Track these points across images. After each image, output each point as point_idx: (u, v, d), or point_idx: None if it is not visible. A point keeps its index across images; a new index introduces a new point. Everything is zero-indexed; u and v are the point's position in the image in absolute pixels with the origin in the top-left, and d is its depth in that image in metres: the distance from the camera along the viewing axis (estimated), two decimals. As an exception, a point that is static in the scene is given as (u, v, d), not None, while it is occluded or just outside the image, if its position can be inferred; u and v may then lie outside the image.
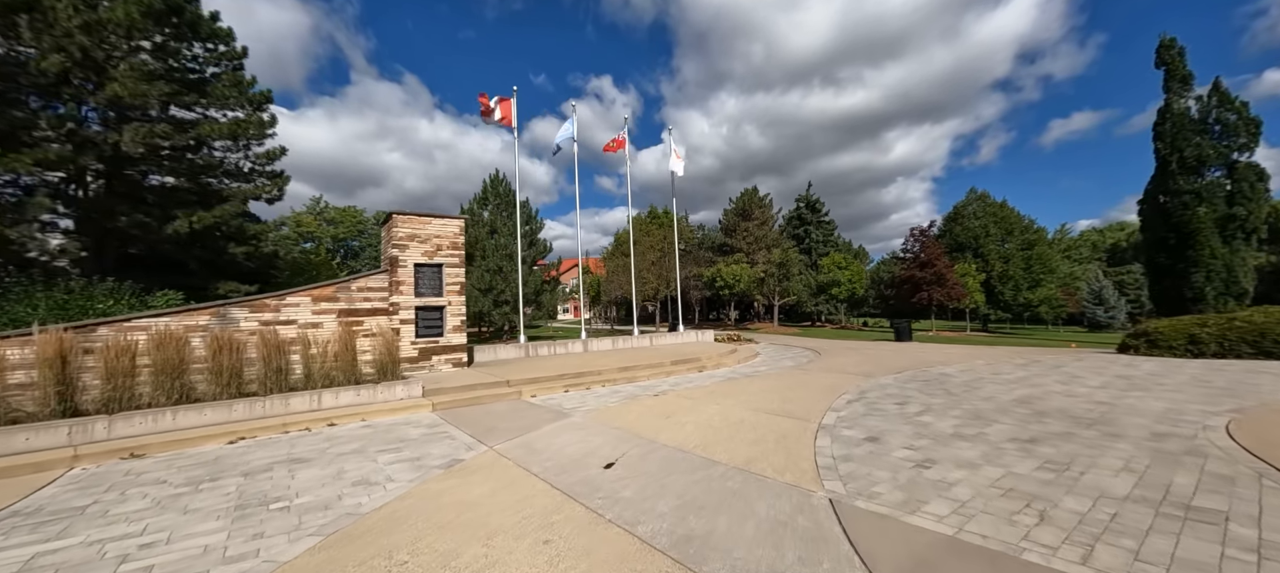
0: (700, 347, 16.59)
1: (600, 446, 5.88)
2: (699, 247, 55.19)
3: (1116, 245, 76.13)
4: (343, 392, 8.40)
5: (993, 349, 17.12)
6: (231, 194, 17.10)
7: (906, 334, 20.63)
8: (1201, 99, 21.45)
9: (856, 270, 37.54)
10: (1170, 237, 21.17)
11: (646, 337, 17.95)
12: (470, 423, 7.38)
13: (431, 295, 11.90)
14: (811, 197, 46.77)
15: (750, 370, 12.40)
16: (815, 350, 17.25)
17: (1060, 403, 7.49)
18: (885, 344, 19.87)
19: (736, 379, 10.85)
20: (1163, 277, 21.50)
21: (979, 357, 14.21)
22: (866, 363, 13.08)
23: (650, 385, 10.42)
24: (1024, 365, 12.00)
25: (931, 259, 28.15)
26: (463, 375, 10.79)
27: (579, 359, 13.44)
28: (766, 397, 8.58)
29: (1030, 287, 37.50)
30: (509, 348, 14.71)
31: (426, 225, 11.94)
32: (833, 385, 9.59)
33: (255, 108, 18.72)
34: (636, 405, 8.24)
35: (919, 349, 17.22)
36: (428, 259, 11.88)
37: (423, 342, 11.64)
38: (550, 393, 9.82)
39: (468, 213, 29.86)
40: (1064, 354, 14.90)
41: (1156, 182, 22.14)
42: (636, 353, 14.87)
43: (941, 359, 13.65)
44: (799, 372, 11.81)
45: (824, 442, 5.71)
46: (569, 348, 15.89)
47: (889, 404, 7.70)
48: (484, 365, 12.71)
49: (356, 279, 11.51)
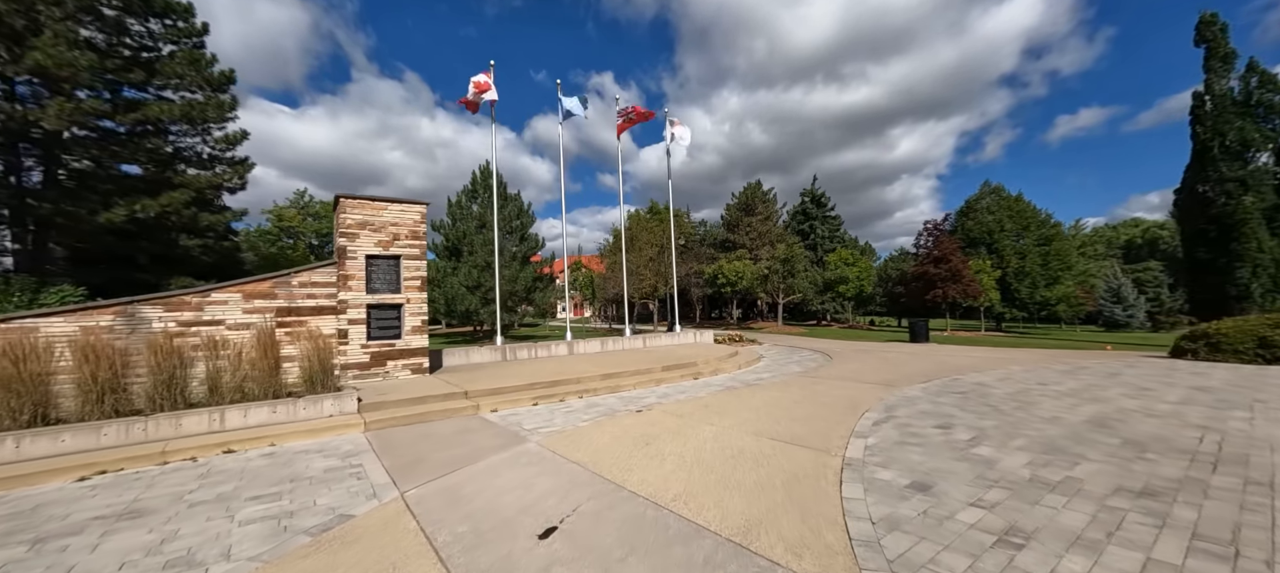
0: (697, 349, 15.01)
1: (547, 493, 4.32)
2: (701, 243, 53.60)
3: (1131, 242, 74.06)
4: (255, 408, 6.87)
5: (1022, 352, 15.47)
6: (185, 182, 15.60)
7: (923, 335, 18.99)
8: (1243, 79, 19.73)
9: (864, 267, 35.87)
10: (1211, 229, 19.46)
11: (640, 338, 16.40)
12: (398, 451, 5.84)
13: (387, 292, 10.37)
14: (817, 190, 45.07)
15: (752, 378, 10.82)
16: (824, 353, 15.65)
17: (1149, 428, 5.88)
18: (900, 346, 18.25)
19: (736, 389, 9.28)
20: (1203, 273, 19.79)
21: (1010, 361, 12.58)
22: (885, 369, 11.47)
23: (635, 397, 8.85)
24: (1070, 373, 10.37)
25: (946, 255, 26.46)
26: (417, 385, 9.26)
27: (559, 364, 11.89)
28: (772, 414, 7.00)
29: (1047, 284, 35.73)
30: (484, 351, 13.18)
31: (381, 211, 10.40)
32: (851, 399, 8.00)
33: (215, 89, 17.22)
34: (612, 426, 6.67)
35: (939, 352, 15.59)
36: (383, 250, 10.34)
37: (376, 345, 10.11)
38: (514, 407, 8.27)
39: (456, 206, 28.37)
40: (1107, 358, 13.25)
41: (1194, 170, 20.41)
42: (626, 357, 13.31)
43: (969, 364, 12.03)
44: (809, 380, 10.22)
45: (854, 490, 4.14)
46: (552, 350, 14.35)
47: (928, 427, 6.11)
48: (451, 371, 11.17)
49: (299, 273, 9.99)
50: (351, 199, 10.17)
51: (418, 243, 10.76)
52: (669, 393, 9.13)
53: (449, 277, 26.08)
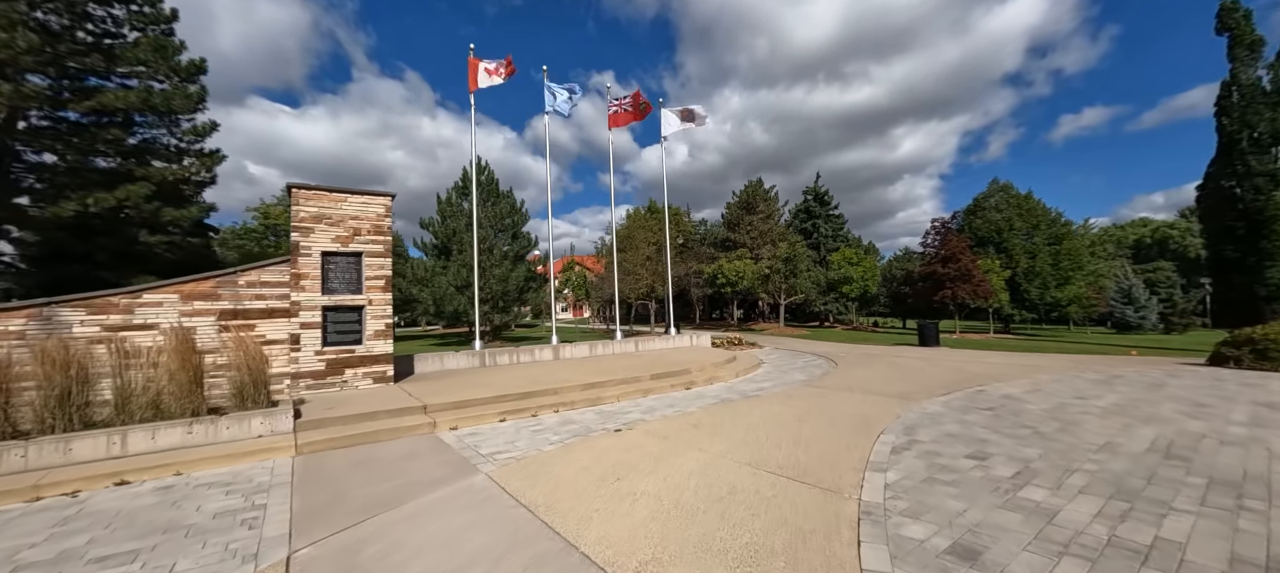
0: (692, 354, 13.98)
1: (475, 557, 3.31)
2: (701, 242, 52.58)
3: (1140, 242, 72.77)
4: (166, 429, 5.88)
5: (1044, 357, 14.40)
6: (146, 174, 14.63)
7: (933, 338, 17.93)
8: (1272, 68, 18.60)
9: (869, 267, 34.78)
10: (1238, 226, 18.36)
11: (632, 341, 15.38)
12: (318, 485, 4.84)
13: (346, 292, 9.37)
14: (820, 188, 43.96)
15: (751, 388, 9.79)
16: (829, 358, 14.60)
17: (1231, 461, 4.84)
18: (909, 350, 17.18)
19: (732, 402, 8.25)
20: (1230, 272, 18.68)
21: (1035, 367, 11.53)
22: (898, 378, 10.43)
23: (616, 412, 7.83)
24: (1105, 383, 9.32)
25: (955, 254, 25.37)
26: (374, 397, 8.25)
27: (539, 372, 10.87)
28: (771, 436, 5.97)
29: (1058, 285, 34.59)
30: (461, 356, 12.19)
31: (340, 203, 9.41)
32: (862, 415, 6.96)
33: (183, 78, 16.25)
34: (583, 451, 5.66)
35: (953, 357, 14.53)
36: (341, 246, 9.35)
37: (333, 351, 9.11)
38: (478, 424, 7.26)
39: (446, 203, 27.40)
40: (1139, 365, 12.19)
41: (1220, 163, 19.30)
42: (614, 363, 12.29)
43: (989, 372, 10.99)
44: (813, 391, 9.18)
45: (878, 558, 3.11)
46: (536, 355, 13.34)
47: (959, 456, 5.08)
48: (419, 380, 10.17)
49: (246, 271, 9.00)
50: (306, 190, 9.17)
51: (382, 239, 9.76)
52: (655, 407, 8.11)
53: (438, 276, 25.10)
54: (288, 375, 8.84)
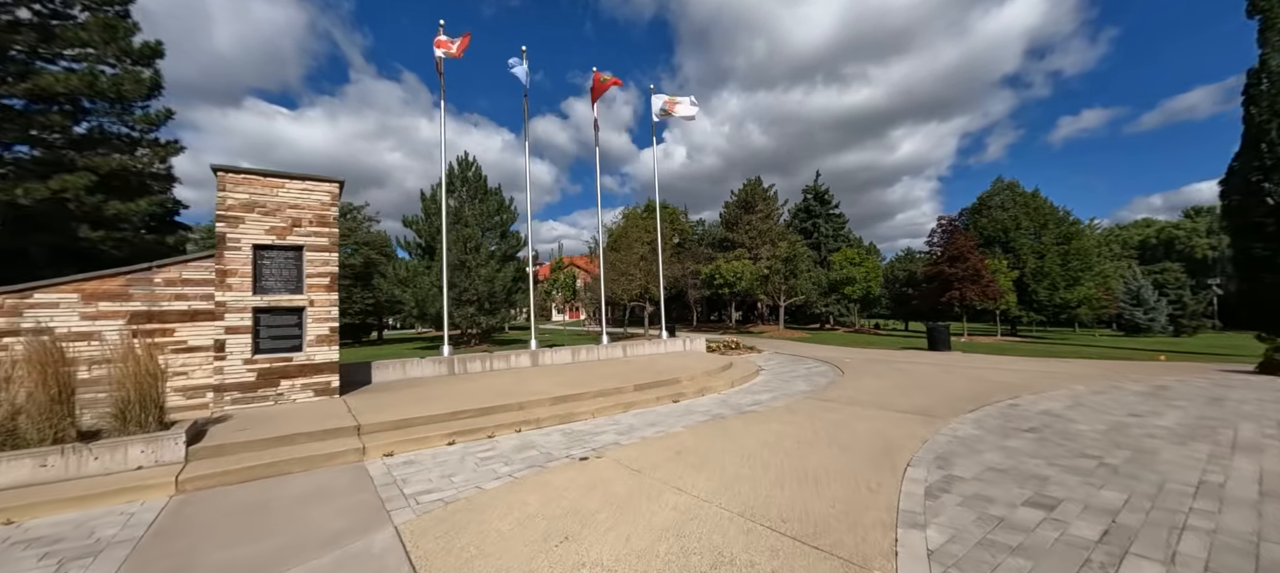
0: (685, 360, 12.79)
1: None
2: (699, 242, 51.46)
3: (1145, 242, 71.70)
4: (11, 463, 4.68)
5: (1066, 363, 13.22)
6: (89, 165, 13.42)
7: (944, 341, 16.75)
8: (1303, 55, 17.48)
9: (872, 267, 33.62)
10: (1268, 222, 17.21)
11: (620, 346, 14.19)
12: (174, 543, 3.64)
13: (283, 292, 8.17)
14: (820, 187, 42.81)
15: (748, 401, 8.59)
16: (834, 364, 13.40)
17: (1379, 509, 3.65)
18: (918, 354, 16.01)
19: (725, 419, 7.05)
20: (1259, 271, 17.52)
21: (1063, 375, 10.34)
22: (914, 388, 9.24)
23: (588, 432, 6.63)
24: (1151, 395, 8.14)
25: (963, 253, 24.21)
26: (303, 415, 7.05)
27: (510, 382, 9.67)
28: (770, 469, 4.79)
29: (1067, 286, 33.45)
30: (427, 363, 10.99)
31: (276, 189, 8.21)
32: (881, 439, 5.78)
33: (135, 61, 15.05)
34: (532, 491, 4.46)
35: (969, 363, 13.35)
36: (277, 239, 8.15)
37: (266, 360, 7.91)
38: (419, 448, 6.07)
39: (430, 201, 26.20)
40: (1177, 373, 11.01)
41: (1247, 156, 18.16)
42: (595, 371, 11.09)
43: (1016, 381, 9.80)
44: (820, 406, 7.99)
45: None
46: (513, 362, 12.15)
47: (1017, 502, 3.89)
48: (371, 392, 8.97)
49: (164, 267, 7.80)
50: (235, 174, 7.97)
51: (327, 231, 8.56)
52: (636, 426, 6.91)
53: (421, 277, 23.91)
54: (210, 388, 7.64)
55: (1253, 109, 17.78)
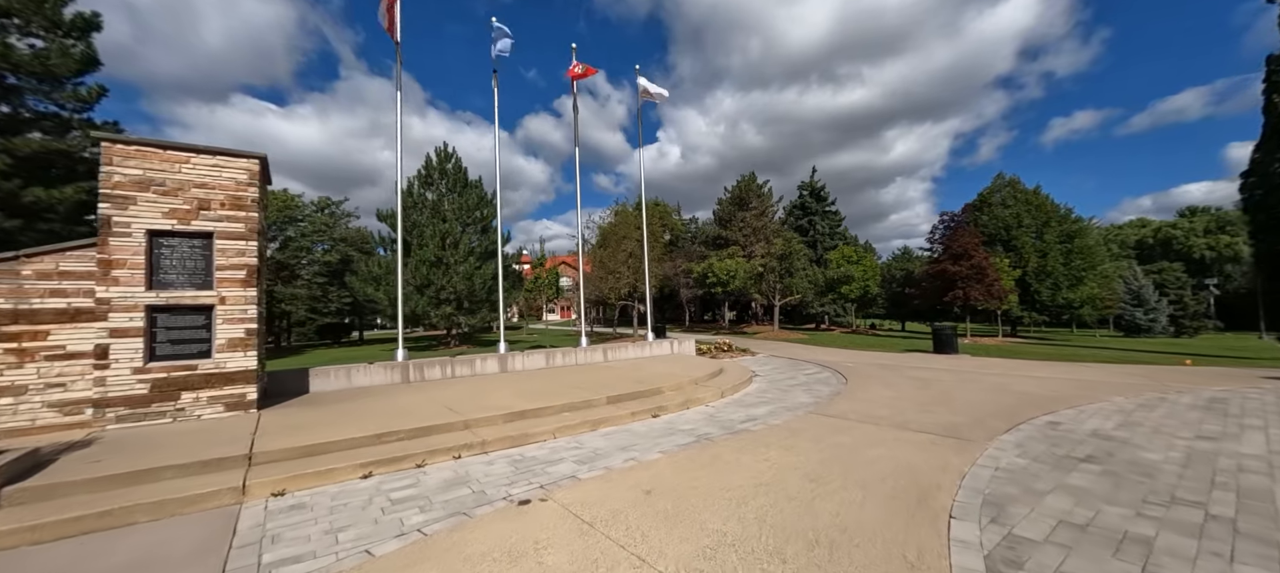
0: (670, 366, 11.54)
1: None
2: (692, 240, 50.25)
3: (1142, 242, 71.23)
4: None
5: (1088, 369, 12.08)
6: (8, 147, 11.99)
7: (951, 344, 15.61)
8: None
9: (870, 265, 32.50)
10: (1294, 217, 16.19)
11: (601, 349, 12.93)
12: None
13: (185, 287, 6.85)
14: (816, 183, 41.68)
15: (740, 416, 7.34)
16: (837, 370, 12.20)
17: None
18: (926, 358, 14.85)
19: (711, 443, 5.80)
20: (1285, 269, 16.48)
21: (1091, 384, 9.17)
22: (932, 400, 8.03)
23: (543, 461, 5.36)
24: (1210, 410, 6.97)
25: (968, 250, 23.11)
26: (193, 437, 5.74)
27: (466, 393, 8.38)
28: (767, 526, 3.55)
29: (1070, 285, 32.48)
30: (378, 370, 9.68)
31: (178, 164, 6.88)
32: (909, 474, 4.55)
33: (65, 34, 13.61)
34: (434, 562, 3.19)
35: (982, 367, 12.19)
36: (180, 224, 6.83)
37: (162, 368, 6.58)
38: (323, 484, 4.79)
39: (407, 193, 24.78)
40: (1218, 380, 9.87)
41: (1270, 147, 17.14)
42: (568, 379, 9.82)
43: (1043, 392, 8.61)
44: (826, 424, 6.75)
45: None
46: (478, 367, 10.86)
47: (1126, 592, 2.66)
48: (301, 405, 7.66)
49: (36, 257, 6.47)
50: (124, 144, 6.64)
51: (244, 215, 7.24)
52: (603, 451, 5.64)
53: (394, 274, 22.51)
54: (89, 403, 6.31)
55: (1275, 97, 16.76)
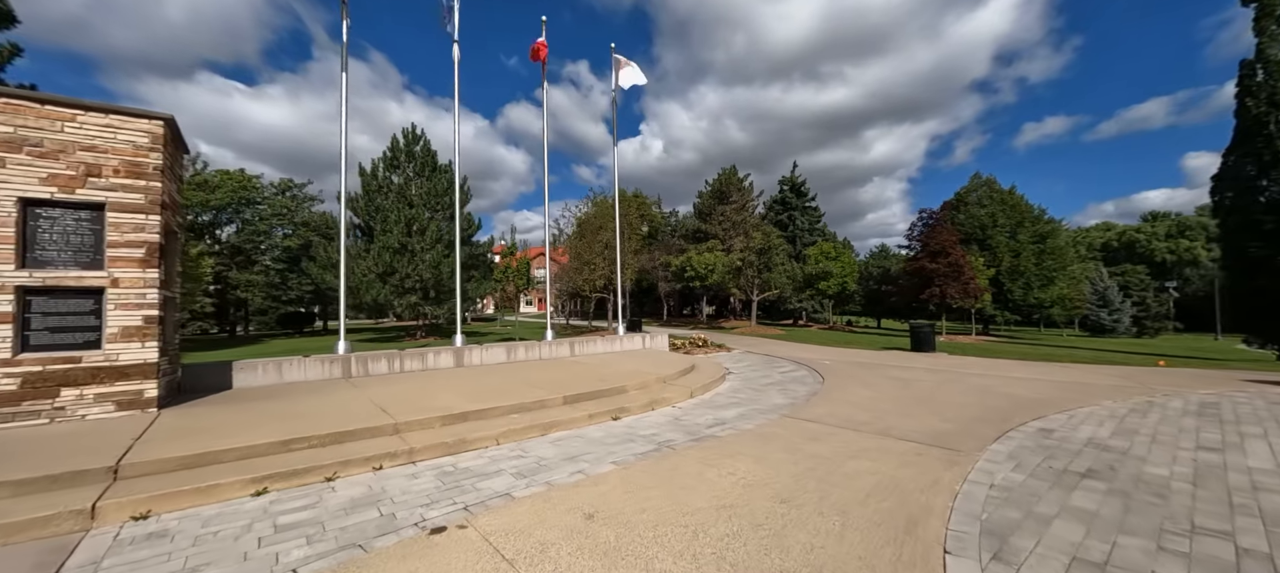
0: (639, 362, 10.87)
1: None
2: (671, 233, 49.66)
3: (1107, 245, 73.32)
4: None
5: (1068, 370, 11.84)
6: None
7: (929, 342, 15.31)
8: (1301, 45, 16.60)
9: (848, 261, 32.36)
10: (1266, 219, 16.30)
11: (568, 343, 12.18)
12: None
13: (69, 266, 5.88)
14: (797, 178, 41.44)
15: (708, 419, 6.70)
16: (814, 368, 11.69)
17: None
18: (904, 356, 14.50)
19: (673, 453, 5.13)
20: (1256, 273, 16.62)
21: (1073, 386, 8.82)
22: (913, 402, 7.53)
23: (475, 474, 4.62)
24: (1203, 416, 6.60)
25: (945, 248, 22.99)
26: (62, 441, 4.84)
27: (405, 392, 7.57)
28: (726, 566, 2.88)
29: (1041, 285, 32.89)
30: (315, 363, 8.77)
31: (61, 122, 5.88)
32: (895, 494, 3.95)
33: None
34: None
35: (961, 367, 11.84)
36: (62, 193, 5.84)
37: (38, 359, 5.62)
38: (202, 502, 3.97)
39: (370, 176, 23.54)
40: (1197, 382, 9.64)
41: (1241, 151, 17.26)
42: (526, 375, 9.06)
43: (1027, 394, 8.20)
44: (800, 429, 6.16)
45: None
46: (432, 361, 10.02)
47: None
48: (206, 405, 6.75)
49: (-125, 226, 5.42)
50: (-11, 95, 5.62)
51: (146, 185, 6.27)
52: (548, 461, 4.92)
53: (356, 261, 21.32)
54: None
55: (1248, 101, 16.84)
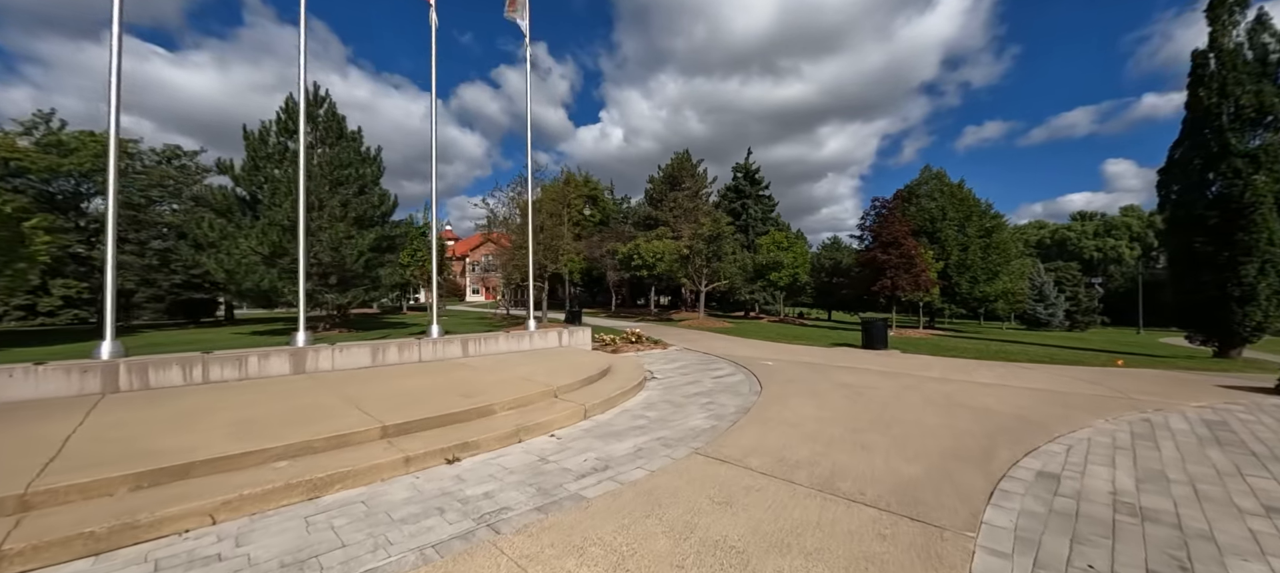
0: (540, 366, 8.78)
1: None
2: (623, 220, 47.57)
3: (1041, 242, 76.79)
4: None
5: (1028, 370, 10.62)
6: None
7: (881, 338, 13.99)
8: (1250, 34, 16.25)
9: (800, 252, 31.30)
10: (1211, 215, 15.90)
11: (458, 341, 9.93)
12: None
13: None
14: (750, 165, 40.16)
15: (587, 460, 4.70)
16: (753, 370, 9.96)
17: None
18: (854, 354, 13.08)
19: (495, 541, 3.10)
20: (1199, 268, 16.24)
21: (1049, 395, 7.42)
22: (868, 424, 5.81)
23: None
24: (1214, 441, 5.17)
25: (897, 238, 22.04)
26: None
27: (154, 418, 5.18)
28: None
29: (987, 279, 32.99)
30: (60, 373, 6.18)
31: None
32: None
33: None
34: None
35: (920, 369, 10.42)
36: None
37: None
38: None
39: (258, 139, 20.11)
40: (1165, 385, 8.48)
41: (1190, 144, 16.84)
42: (369, 387, 6.80)
43: (1003, 407, 6.68)
44: (710, 482, 4.26)
45: None
46: (254, 368, 7.57)
47: None
48: None
49: None
50: None
51: None
52: (280, 558, 2.77)
53: (232, 239, 18.04)
54: None
55: (1201, 91, 16.35)
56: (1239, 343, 16.03)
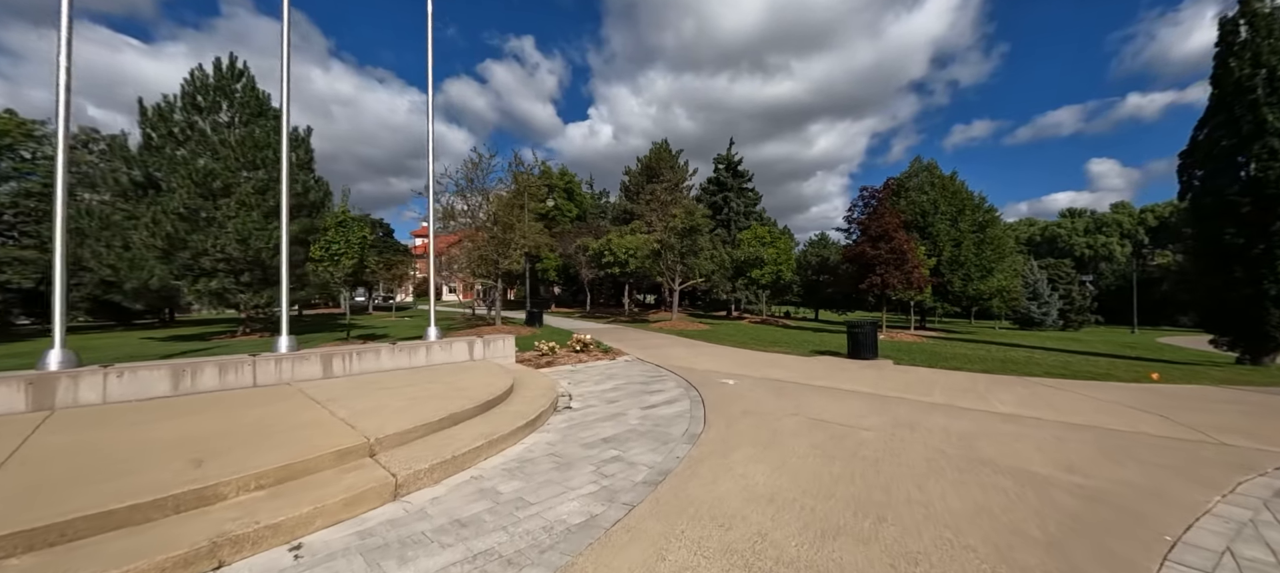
0: (396, 397, 6.44)
1: None
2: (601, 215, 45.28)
3: (1032, 239, 75.58)
4: None
5: (1057, 392, 8.47)
6: None
7: (870, 345, 11.81)
8: (1278, 6, 14.32)
9: (785, 247, 29.17)
10: (1243, 202, 13.94)
11: (317, 357, 7.56)
12: None
13: None
14: (733, 157, 37.96)
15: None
16: (702, 394, 7.70)
17: None
18: (838, 364, 10.91)
19: None
20: (1230, 262, 14.27)
21: (1099, 429, 5.27)
22: (852, 520, 3.57)
23: None
24: None
25: (888, 231, 19.95)
26: None
27: None
28: None
29: (981, 276, 31.11)
30: None
31: None
32: None
33: None
34: None
35: (922, 391, 8.24)
36: None
37: None
38: None
39: (156, 116, 17.48)
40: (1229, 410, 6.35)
41: (1218, 122, 14.88)
42: (94, 431, 4.41)
43: (1057, 473, 4.49)
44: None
45: None
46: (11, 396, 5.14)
47: None
48: None
49: None
50: None
51: None
52: None
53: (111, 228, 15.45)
54: None
55: (1231, 62, 14.39)
56: (1273, 348, 14.12)
